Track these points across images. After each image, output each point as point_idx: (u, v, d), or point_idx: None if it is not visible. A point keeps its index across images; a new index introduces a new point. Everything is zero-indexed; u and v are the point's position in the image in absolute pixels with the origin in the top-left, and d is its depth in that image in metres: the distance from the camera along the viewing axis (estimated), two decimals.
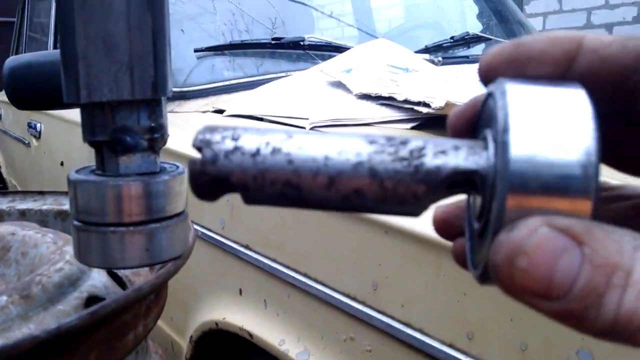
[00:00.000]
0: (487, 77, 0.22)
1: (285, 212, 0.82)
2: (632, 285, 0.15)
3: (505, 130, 0.18)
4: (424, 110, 0.84)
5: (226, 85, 1.30)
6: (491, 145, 0.19)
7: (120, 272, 0.49)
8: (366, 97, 1.04)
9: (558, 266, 0.16)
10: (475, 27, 2.11)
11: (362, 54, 1.39)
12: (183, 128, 1.23)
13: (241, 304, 0.92)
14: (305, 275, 0.78)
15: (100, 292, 0.42)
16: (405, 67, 1.36)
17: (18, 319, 0.35)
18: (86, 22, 0.33)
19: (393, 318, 0.65)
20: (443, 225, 0.25)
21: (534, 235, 0.16)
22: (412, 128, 0.88)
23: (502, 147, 0.18)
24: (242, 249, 0.91)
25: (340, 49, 1.44)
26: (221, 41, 1.39)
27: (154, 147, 0.37)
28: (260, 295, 0.89)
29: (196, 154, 0.21)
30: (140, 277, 0.53)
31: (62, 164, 1.74)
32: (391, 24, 2.61)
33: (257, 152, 0.20)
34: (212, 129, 0.21)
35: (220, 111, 1.17)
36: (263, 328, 0.86)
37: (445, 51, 1.64)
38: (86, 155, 1.57)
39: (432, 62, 1.46)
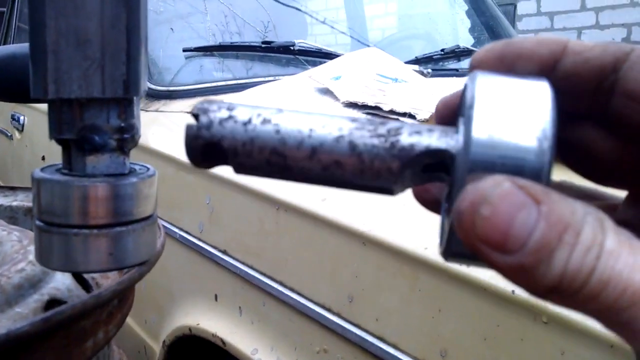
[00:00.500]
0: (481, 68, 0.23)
1: (265, 217, 0.81)
2: (580, 243, 0.17)
3: (469, 114, 0.20)
4: (409, 121, 0.84)
5: (214, 87, 1.28)
6: (461, 129, 0.21)
7: (87, 275, 0.47)
8: (352, 105, 1.04)
9: (516, 219, 0.17)
10: (466, 40, 2.12)
11: (352, 61, 1.39)
12: (169, 127, 1.22)
13: (216, 310, 0.91)
14: (281, 283, 0.77)
15: (62, 295, 0.40)
16: (395, 77, 1.35)
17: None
18: (57, 15, 0.32)
19: (367, 331, 0.64)
20: (423, 193, 0.26)
21: (499, 187, 0.18)
22: None
23: (465, 127, 0.20)
24: (219, 254, 0.90)
25: (330, 56, 1.44)
26: (211, 42, 1.38)
27: (123, 147, 0.36)
28: (235, 302, 0.87)
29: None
30: (108, 280, 0.51)
31: (43, 158, 1.71)
32: (384, 34, 2.61)
33: (249, 121, 0.22)
34: (211, 101, 0.23)
35: None
36: (237, 336, 0.85)
37: (435, 63, 1.64)
38: None
39: (422, 73, 1.46)
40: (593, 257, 0.17)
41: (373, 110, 0.96)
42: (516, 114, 0.19)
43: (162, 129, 1.22)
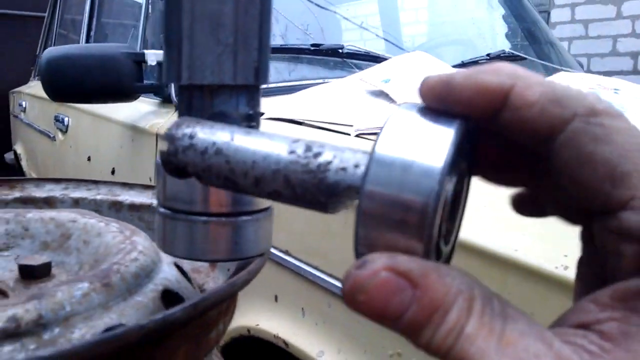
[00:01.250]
0: (425, 103, 0.24)
1: (331, 218, 0.80)
2: (445, 324, 0.19)
3: (372, 153, 0.21)
4: None
5: (263, 88, 1.28)
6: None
7: (185, 267, 0.47)
8: None
9: (391, 302, 0.20)
10: (504, 45, 2.10)
11: (401, 64, 1.38)
12: None
13: (276, 310, 0.90)
14: None
15: (172, 285, 0.40)
16: None
17: (100, 308, 0.33)
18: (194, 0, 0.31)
19: None
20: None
21: (375, 277, 0.20)
22: None
23: (365, 167, 0.22)
24: (280, 254, 0.89)
25: (378, 59, 1.43)
26: None
27: None
28: (297, 303, 0.86)
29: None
30: (200, 274, 0.51)
31: (89, 159, 1.73)
32: (414, 41, 2.60)
33: (205, 151, 0.26)
34: (178, 124, 0.27)
35: None
36: (300, 337, 0.84)
37: None
38: (115, 151, 1.57)
39: None
40: (453, 338, 0.19)
41: None
42: (409, 166, 0.21)
43: None
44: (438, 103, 0.23)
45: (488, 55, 1.62)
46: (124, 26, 2.14)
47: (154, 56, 1.40)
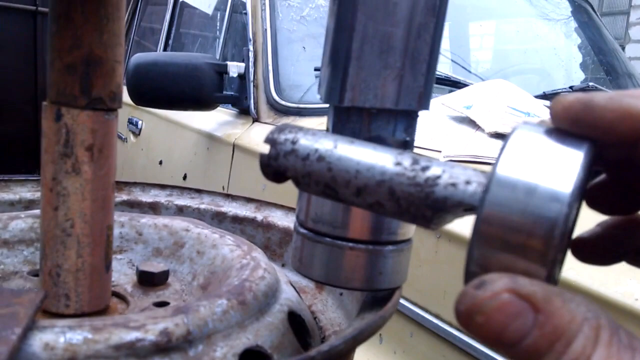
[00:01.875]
0: (556, 125, 0.23)
1: (422, 244, 0.78)
2: (568, 353, 0.18)
3: (493, 172, 0.21)
4: None
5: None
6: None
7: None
8: (499, 136, 1.00)
9: (510, 326, 0.19)
10: (578, 76, 2.04)
11: (482, 91, 1.35)
12: None
13: None
14: (436, 316, 0.74)
15: (295, 307, 0.39)
16: (527, 112, 1.30)
17: (237, 327, 0.32)
18: (367, 20, 0.30)
19: None
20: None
21: (495, 299, 0.19)
22: None
23: (483, 186, 0.21)
24: None
25: (458, 85, 1.41)
26: None
27: None
28: None
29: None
30: (306, 295, 0.50)
31: (160, 162, 1.77)
32: (478, 67, 2.55)
33: (307, 157, 0.25)
34: (280, 129, 0.26)
35: None
36: None
37: None
38: (188, 158, 1.59)
39: None
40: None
41: None
42: (533, 192, 0.20)
43: None
44: (572, 125, 0.22)
45: (571, 87, 1.57)
46: (201, 37, 2.19)
47: (235, 68, 1.42)
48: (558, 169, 0.20)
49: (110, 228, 0.39)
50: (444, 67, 1.89)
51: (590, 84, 1.64)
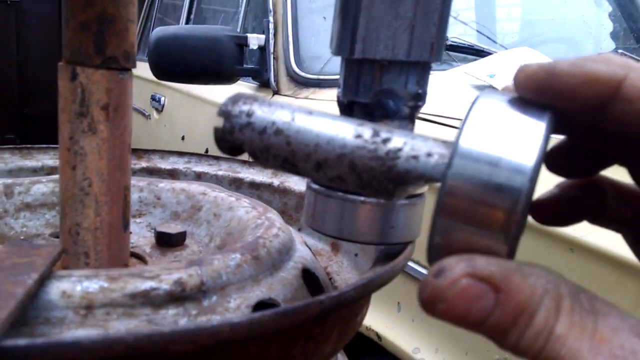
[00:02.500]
0: (519, 94, 0.23)
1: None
2: (532, 326, 0.19)
3: (456, 145, 0.20)
4: None
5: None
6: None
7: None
8: None
9: (473, 309, 0.19)
10: (609, 46, 1.98)
11: (506, 60, 1.33)
12: None
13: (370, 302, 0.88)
14: None
15: (309, 264, 0.39)
16: None
17: (250, 280, 0.32)
18: None
19: None
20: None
21: (455, 286, 0.19)
22: None
23: (447, 159, 0.21)
24: None
25: (481, 53, 1.38)
26: None
27: (413, 116, 0.34)
28: (393, 297, 0.85)
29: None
30: (322, 257, 0.50)
31: (182, 138, 1.78)
32: (504, 39, 2.50)
33: (264, 130, 0.24)
34: (234, 100, 0.25)
35: None
36: (394, 331, 0.82)
37: None
38: (210, 132, 1.60)
39: None
40: (542, 340, 0.18)
41: None
42: (504, 144, 0.20)
43: None
44: (536, 93, 0.22)
45: (599, 55, 1.52)
46: (222, 12, 2.19)
47: (255, 40, 1.42)
48: (521, 141, 0.20)
49: (127, 188, 0.40)
50: (469, 38, 1.86)
51: (620, 51, 1.59)
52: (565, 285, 0.19)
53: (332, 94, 1.26)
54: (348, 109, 0.34)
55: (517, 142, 0.20)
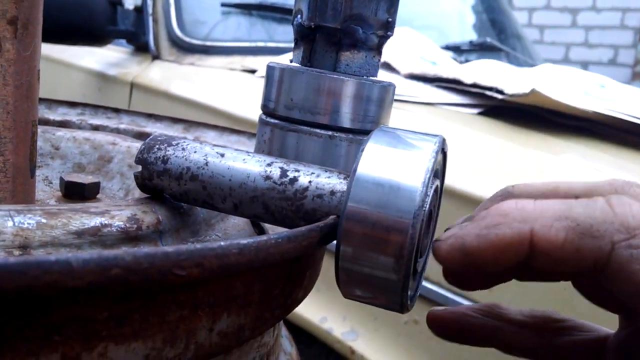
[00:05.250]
0: (446, 276, 0.25)
1: None
2: None
3: (352, 177, 0.23)
4: (498, 96, 0.81)
5: (254, 47, 1.23)
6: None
7: None
8: (416, 78, 1.01)
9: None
10: (470, 36, 2.12)
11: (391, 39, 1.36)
12: (209, 82, 1.15)
13: None
14: None
15: None
16: (434, 61, 1.33)
17: (204, 224, 0.29)
18: None
19: (474, 302, 0.61)
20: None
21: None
22: (479, 114, 0.85)
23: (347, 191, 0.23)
24: None
25: None
26: (247, 1, 1.31)
27: (380, 47, 0.32)
28: None
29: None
30: None
31: None
32: None
33: (180, 176, 0.26)
34: (150, 147, 0.27)
35: (252, 71, 1.11)
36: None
37: (459, 54, 1.62)
38: (76, 98, 1.46)
39: (456, 60, 1.44)
40: None
41: (448, 84, 0.93)
42: (395, 174, 0.22)
43: (204, 84, 1.15)
44: (465, 270, 0.24)
45: (471, 42, 1.62)
46: None
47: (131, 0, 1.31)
48: (408, 167, 0.22)
49: (35, 124, 0.33)
50: None
51: (488, 39, 1.71)
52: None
53: (220, 61, 1.20)
54: (310, 35, 0.31)
55: (404, 170, 0.22)
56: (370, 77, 0.32)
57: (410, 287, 0.23)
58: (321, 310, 0.77)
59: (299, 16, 0.31)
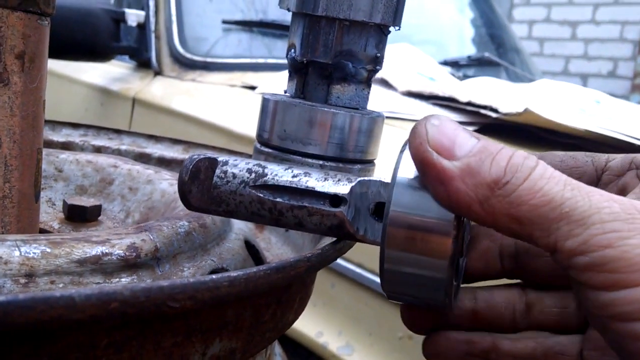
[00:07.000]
0: None
1: None
2: (518, 152, 0.23)
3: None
4: (492, 114, 0.83)
5: (254, 63, 1.25)
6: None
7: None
8: (413, 95, 1.02)
9: (460, 133, 0.23)
10: (470, 49, 2.13)
11: (390, 54, 1.38)
12: (211, 99, 1.17)
13: None
14: (359, 265, 0.75)
15: (248, 236, 0.37)
16: (432, 77, 1.35)
17: (200, 250, 0.30)
18: None
19: None
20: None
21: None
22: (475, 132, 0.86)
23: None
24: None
25: None
26: (248, 18, 1.34)
27: (369, 80, 0.34)
28: None
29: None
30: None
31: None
32: None
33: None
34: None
35: (252, 87, 1.12)
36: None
37: (457, 69, 1.64)
38: (79, 114, 1.48)
39: (454, 76, 1.46)
40: (532, 161, 0.22)
41: (444, 102, 0.94)
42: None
43: (205, 101, 1.17)
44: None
45: (469, 57, 1.64)
46: None
47: (134, 17, 1.33)
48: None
49: (40, 152, 0.35)
50: None
51: (486, 54, 1.72)
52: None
53: (221, 77, 1.22)
54: (303, 69, 0.33)
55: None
56: (360, 109, 0.33)
57: (454, 285, 0.25)
58: (317, 325, 0.78)
59: (292, 50, 0.33)
